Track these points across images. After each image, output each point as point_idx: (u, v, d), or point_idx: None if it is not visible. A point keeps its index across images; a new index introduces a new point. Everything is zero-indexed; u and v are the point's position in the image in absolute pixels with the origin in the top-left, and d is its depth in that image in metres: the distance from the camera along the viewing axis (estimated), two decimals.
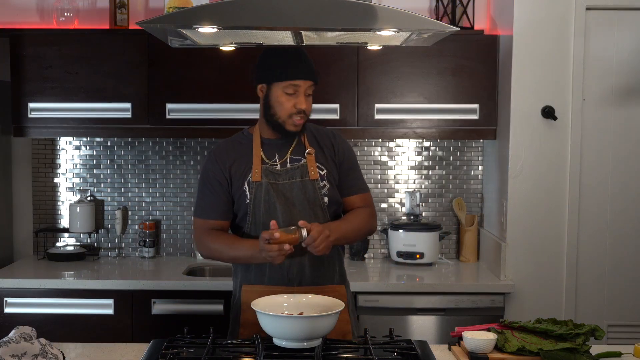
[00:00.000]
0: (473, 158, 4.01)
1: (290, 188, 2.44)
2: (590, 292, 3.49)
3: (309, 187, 2.44)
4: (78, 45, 3.63)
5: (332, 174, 2.50)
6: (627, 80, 3.44)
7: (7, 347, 1.96)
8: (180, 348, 2.12)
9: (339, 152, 2.53)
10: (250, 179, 2.44)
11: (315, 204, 2.44)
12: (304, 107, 2.40)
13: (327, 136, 2.55)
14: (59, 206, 4.03)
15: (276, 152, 2.49)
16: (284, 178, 2.44)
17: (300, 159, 2.48)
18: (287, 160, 2.47)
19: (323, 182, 2.47)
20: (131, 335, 3.38)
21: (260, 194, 2.42)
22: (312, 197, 2.44)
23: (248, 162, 2.47)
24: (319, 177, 2.45)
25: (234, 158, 2.49)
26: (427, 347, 2.20)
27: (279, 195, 2.42)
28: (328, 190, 2.47)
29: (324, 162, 2.49)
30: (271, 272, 2.44)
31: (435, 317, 3.39)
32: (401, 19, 2.02)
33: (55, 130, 3.69)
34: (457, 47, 3.59)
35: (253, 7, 2.00)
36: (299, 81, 2.38)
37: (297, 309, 2.19)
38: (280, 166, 2.46)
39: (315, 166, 2.46)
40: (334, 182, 2.50)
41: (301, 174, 2.45)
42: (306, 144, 2.50)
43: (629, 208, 3.48)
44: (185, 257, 4.02)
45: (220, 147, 2.54)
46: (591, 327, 2.22)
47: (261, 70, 2.43)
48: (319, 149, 2.51)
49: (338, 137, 2.58)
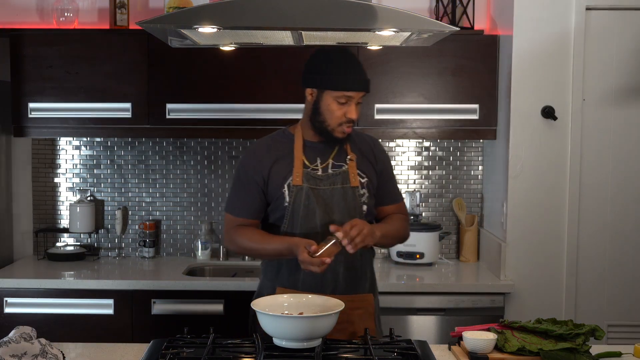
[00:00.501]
0: (473, 158, 4.01)
1: (331, 194, 2.39)
2: (590, 292, 3.49)
3: (350, 194, 2.40)
4: (78, 45, 3.63)
5: (372, 182, 2.46)
6: (627, 80, 3.44)
7: (7, 347, 1.96)
8: (180, 348, 2.12)
9: (379, 161, 2.50)
10: (291, 183, 2.39)
11: (355, 211, 2.40)
12: (354, 117, 2.35)
13: (368, 143, 2.52)
14: (59, 206, 4.03)
15: (318, 155, 2.43)
16: (325, 184, 2.40)
17: (342, 165, 2.43)
18: (329, 166, 2.42)
19: (363, 190, 2.43)
20: (131, 335, 3.38)
21: (300, 199, 2.38)
22: (351, 204, 2.40)
23: (289, 164, 2.41)
24: (359, 185, 2.42)
25: (274, 158, 2.43)
26: (427, 347, 2.20)
27: (319, 201, 2.38)
28: (367, 198, 2.43)
29: (365, 169, 2.46)
30: (305, 277, 2.39)
31: (435, 317, 3.39)
32: (401, 19, 2.02)
33: (55, 130, 3.69)
34: (457, 47, 3.59)
35: (253, 7, 2.00)
36: (352, 92, 2.32)
37: (297, 309, 2.19)
38: (321, 171, 2.41)
39: (356, 173, 2.42)
40: (372, 190, 2.46)
41: (342, 180, 2.41)
42: (348, 150, 2.45)
43: (629, 208, 3.48)
44: (185, 257, 4.02)
45: (260, 145, 2.49)
46: (591, 327, 2.22)
47: (313, 74, 2.35)
48: (360, 156, 2.46)
49: (378, 145, 2.54)
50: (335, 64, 2.31)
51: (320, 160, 2.43)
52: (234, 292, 3.38)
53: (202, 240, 3.93)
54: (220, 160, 4.01)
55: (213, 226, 3.99)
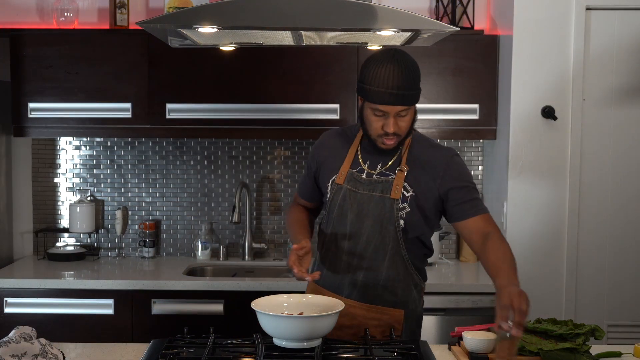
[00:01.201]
0: (473, 158, 4.01)
1: (367, 200, 2.33)
2: (590, 292, 3.49)
3: (387, 204, 2.31)
4: (78, 45, 3.63)
5: (421, 200, 2.31)
6: (627, 80, 3.44)
7: (7, 347, 1.96)
8: (180, 348, 2.12)
9: (448, 178, 2.31)
10: (335, 180, 2.40)
11: (390, 223, 2.31)
12: (392, 130, 2.25)
13: (437, 158, 2.35)
14: (59, 206, 4.03)
15: (369, 158, 2.38)
16: (364, 188, 2.34)
17: (389, 174, 2.34)
18: (376, 172, 2.36)
19: (403, 205, 2.31)
20: (131, 335, 3.38)
21: (337, 198, 2.37)
22: (387, 215, 2.31)
23: (340, 160, 2.42)
24: (400, 198, 2.30)
25: (332, 150, 2.45)
26: (427, 347, 2.20)
27: (353, 204, 2.34)
28: (407, 214, 2.31)
29: (416, 185, 2.32)
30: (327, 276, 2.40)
31: (435, 317, 3.39)
32: (401, 19, 2.02)
33: (55, 130, 3.69)
34: (457, 47, 3.59)
35: (253, 7, 2.00)
36: (386, 107, 2.23)
37: (297, 309, 2.19)
38: (366, 175, 2.36)
39: (402, 185, 2.31)
40: (417, 208, 2.31)
41: (382, 189, 2.32)
42: (403, 160, 2.34)
43: (629, 208, 3.49)
44: (185, 257, 4.02)
45: (328, 135, 2.52)
46: (591, 327, 2.22)
47: (358, 81, 2.29)
48: (419, 170, 2.33)
49: (450, 161, 2.34)
50: (374, 74, 2.22)
51: (370, 164, 2.38)
52: (234, 292, 3.38)
53: (202, 240, 3.93)
54: (220, 160, 4.01)
55: (213, 226, 3.99)
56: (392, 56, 2.22)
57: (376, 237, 2.33)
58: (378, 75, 2.21)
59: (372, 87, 2.22)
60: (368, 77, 2.23)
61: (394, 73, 2.20)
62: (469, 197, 2.32)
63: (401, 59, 2.22)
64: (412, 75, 2.23)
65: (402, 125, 2.27)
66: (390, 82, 2.20)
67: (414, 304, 2.42)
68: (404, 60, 2.22)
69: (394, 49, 2.27)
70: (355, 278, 2.37)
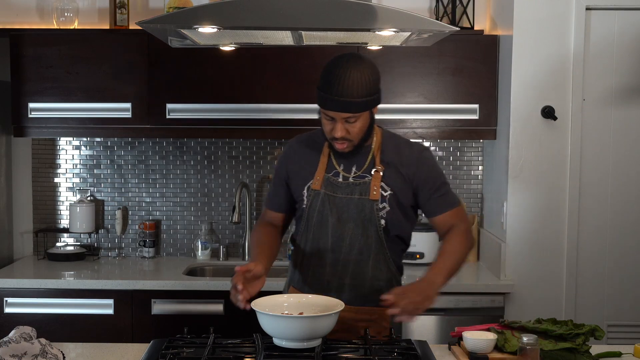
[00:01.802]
0: (473, 158, 4.01)
1: (346, 204, 2.33)
2: (590, 292, 3.49)
3: (367, 206, 2.32)
4: (78, 45, 3.63)
5: (399, 196, 2.34)
6: (627, 80, 3.44)
7: (7, 347, 1.96)
8: (180, 348, 2.12)
9: (419, 175, 2.36)
10: (310, 186, 2.38)
11: (371, 224, 2.33)
12: (339, 135, 2.25)
13: (408, 155, 2.38)
14: (59, 206, 4.03)
15: (343, 162, 2.37)
16: (342, 192, 2.34)
17: (366, 176, 2.35)
18: (353, 174, 2.36)
19: (383, 204, 2.33)
20: (131, 335, 3.38)
21: (315, 204, 2.36)
22: (368, 216, 2.32)
23: (313, 166, 2.39)
24: (379, 199, 2.32)
25: (302, 157, 2.43)
26: (427, 347, 2.20)
27: (333, 209, 2.34)
28: (387, 213, 2.33)
29: (393, 183, 2.34)
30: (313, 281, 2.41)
31: (435, 317, 3.39)
32: (401, 19, 2.02)
33: (55, 130, 3.69)
34: (457, 47, 3.59)
35: (253, 7, 2.00)
36: (330, 112, 2.24)
37: (297, 309, 2.19)
38: (342, 178, 2.36)
39: (379, 186, 2.32)
40: (397, 206, 2.35)
41: (360, 191, 2.33)
42: (377, 160, 2.36)
43: (629, 208, 3.48)
44: (185, 257, 4.02)
45: (295, 142, 2.50)
46: (591, 327, 2.22)
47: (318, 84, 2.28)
48: (392, 169, 2.35)
49: (420, 156, 2.39)
50: (324, 78, 2.23)
51: (344, 167, 2.37)
52: None
53: (202, 240, 3.93)
54: (220, 160, 4.01)
55: (213, 226, 3.99)
56: (346, 61, 2.21)
57: (359, 240, 2.34)
58: (327, 80, 2.22)
59: (321, 92, 2.23)
60: (320, 82, 2.25)
61: (341, 79, 2.19)
62: (439, 193, 2.38)
63: (355, 65, 2.21)
64: (362, 82, 2.21)
65: (352, 131, 2.27)
66: (335, 89, 2.20)
67: None
68: (357, 66, 2.21)
69: (351, 53, 2.25)
70: (341, 282, 2.38)
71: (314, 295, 2.27)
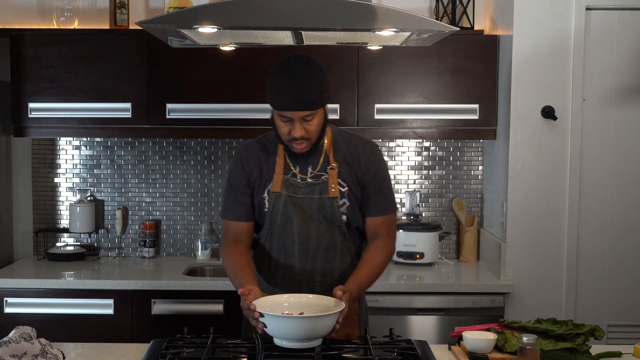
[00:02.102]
0: (473, 158, 4.01)
1: (308, 203, 2.36)
2: (590, 292, 3.49)
3: (327, 204, 2.35)
4: (78, 45, 3.63)
5: (354, 191, 2.39)
6: (627, 80, 3.44)
7: (7, 347, 1.96)
8: (180, 348, 2.12)
9: (365, 170, 2.40)
10: (271, 189, 2.38)
11: (333, 222, 2.37)
12: (298, 135, 2.26)
13: (357, 150, 2.41)
14: (59, 206, 4.03)
15: (298, 162, 2.39)
16: (303, 192, 2.36)
17: (322, 174, 2.37)
18: (309, 174, 2.38)
19: (342, 200, 2.36)
20: (131, 335, 3.38)
21: (278, 206, 2.37)
22: (329, 214, 2.36)
23: (270, 170, 2.40)
24: (338, 195, 2.35)
25: (257, 163, 2.42)
26: (427, 347, 2.20)
27: (297, 209, 2.36)
28: (347, 208, 2.37)
29: (348, 178, 2.38)
30: (283, 282, 2.41)
31: (435, 317, 3.39)
32: (401, 19, 2.02)
33: (55, 130, 3.69)
34: (457, 47, 3.59)
35: (253, 7, 2.00)
36: (288, 112, 2.25)
37: (297, 309, 2.19)
38: (300, 179, 2.37)
39: (337, 183, 2.35)
40: (355, 200, 2.39)
41: (320, 190, 2.35)
42: (331, 158, 2.38)
43: (629, 208, 3.48)
44: (185, 257, 4.02)
45: (245, 150, 2.47)
46: (591, 327, 2.22)
47: (267, 88, 2.31)
48: (345, 164, 2.39)
49: (370, 153, 2.42)
50: (276, 81, 2.24)
51: (301, 167, 2.39)
52: (234, 292, 3.31)
53: (202, 240, 3.93)
54: (220, 160, 4.01)
55: (213, 226, 3.99)
56: (295, 62, 2.23)
57: (324, 237, 2.37)
58: (279, 81, 2.23)
59: (275, 94, 2.24)
60: (271, 84, 2.25)
61: (294, 79, 2.21)
62: (380, 194, 2.42)
63: (302, 64, 2.23)
64: (314, 79, 2.23)
65: (310, 129, 2.29)
66: (290, 88, 2.21)
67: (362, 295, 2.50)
68: (307, 65, 2.23)
69: (297, 54, 2.27)
70: (312, 280, 2.40)
71: (315, 295, 2.26)
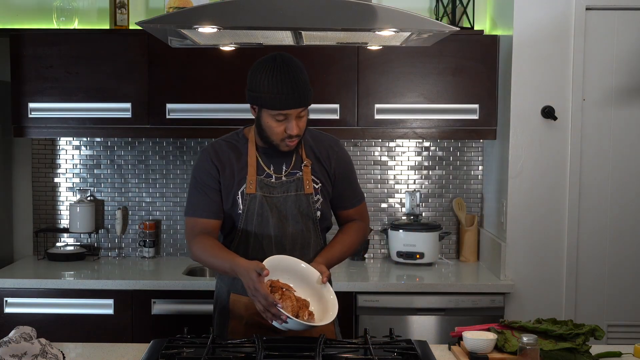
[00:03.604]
0: (473, 158, 4.01)
1: (284, 201, 2.37)
2: (590, 292, 3.50)
3: (303, 201, 2.38)
4: (78, 45, 3.63)
5: (326, 187, 2.44)
6: (627, 80, 3.44)
7: (7, 347, 1.96)
8: (180, 348, 2.12)
9: (336, 166, 2.45)
10: (244, 190, 2.37)
11: (308, 217, 2.40)
12: (295, 132, 2.28)
13: (325, 147, 2.46)
14: (59, 206, 4.03)
15: (272, 162, 2.40)
16: (278, 191, 2.37)
17: (297, 172, 2.40)
18: (283, 173, 2.40)
19: (317, 197, 2.41)
20: (131, 335, 3.38)
21: (253, 207, 2.36)
22: (305, 211, 2.39)
23: (242, 170, 2.38)
24: (313, 191, 2.40)
25: (227, 162, 2.40)
26: (427, 347, 2.20)
27: (272, 209, 2.37)
28: (321, 204, 2.42)
29: (319, 174, 2.43)
30: None
31: (435, 317, 3.39)
32: (401, 19, 2.02)
33: (55, 130, 3.69)
34: (457, 47, 3.59)
35: (253, 7, 2.00)
36: (288, 110, 2.26)
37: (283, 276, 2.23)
38: (275, 179, 2.38)
39: (311, 179, 2.40)
40: (327, 195, 2.45)
41: (296, 187, 2.38)
42: (303, 156, 2.42)
43: (629, 208, 3.48)
44: (185, 257, 4.02)
45: (214, 148, 2.43)
46: (591, 327, 2.22)
47: (251, 91, 2.29)
48: (315, 161, 2.43)
49: (337, 148, 2.49)
50: (267, 82, 2.24)
51: (274, 167, 2.40)
52: None
53: None
54: None
55: None
56: (282, 61, 2.25)
57: (300, 235, 2.39)
58: (272, 81, 2.23)
59: (272, 95, 2.23)
60: (262, 86, 2.25)
61: (287, 77, 2.24)
62: (349, 188, 2.51)
63: (289, 62, 2.26)
64: (303, 76, 2.27)
65: (302, 126, 2.33)
66: (287, 87, 2.23)
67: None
68: (293, 63, 2.27)
69: (279, 53, 2.29)
70: None
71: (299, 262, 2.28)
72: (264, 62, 2.27)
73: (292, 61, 2.27)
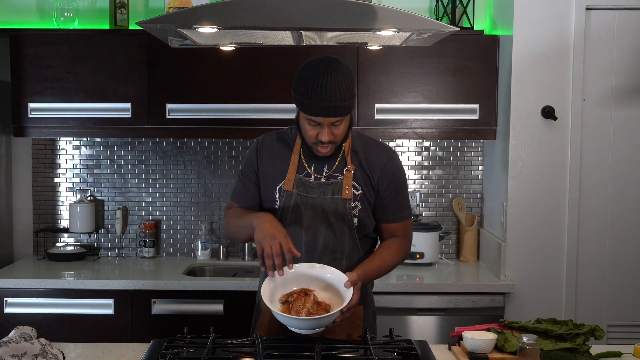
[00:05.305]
0: (473, 158, 4.01)
1: (320, 203, 2.34)
2: (590, 292, 3.50)
3: (340, 205, 2.34)
4: (78, 45, 3.63)
5: (367, 196, 2.37)
6: (627, 80, 3.44)
7: (7, 347, 1.96)
8: (180, 348, 2.12)
9: (380, 176, 2.38)
10: (282, 187, 2.37)
11: (344, 223, 2.35)
12: (326, 139, 2.25)
13: (373, 156, 2.40)
14: (59, 206, 4.03)
15: (314, 162, 2.38)
16: (315, 192, 2.35)
17: (338, 176, 2.36)
18: (323, 174, 2.38)
19: (355, 203, 2.35)
20: (131, 335, 3.39)
21: (289, 204, 2.36)
22: (341, 215, 2.34)
23: (284, 166, 2.39)
24: (352, 197, 2.34)
25: (272, 155, 2.42)
26: (427, 347, 2.20)
27: (307, 209, 2.35)
28: (359, 211, 2.36)
29: (363, 182, 2.37)
30: None
31: (435, 317, 3.39)
32: (401, 19, 2.02)
33: (55, 130, 3.69)
34: (457, 47, 3.59)
35: (253, 7, 2.00)
36: (319, 118, 2.23)
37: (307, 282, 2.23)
38: (314, 179, 2.36)
39: (351, 185, 2.35)
40: (367, 204, 2.38)
41: (333, 190, 2.34)
42: (348, 160, 2.37)
43: (629, 208, 3.49)
44: (185, 257, 4.02)
45: (264, 139, 2.47)
46: (591, 327, 2.22)
47: (294, 89, 2.28)
48: (359, 167, 2.37)
49: (386, 159, 2.41)
50: (305, 85, 2.22)
51: (315, 168, 2.38)
52: (234, 292, 3.38)
53: (202, 240, 3.93)
54: (220, 160, 4.01)
55: (213, 226, 3.99)
56: (326, 66, 2.20)
57: (332, 239, 2.36)
58: (311, 86, 2.20)
59: (306, 99, 2.22)
60: (302, 88, 2.23)
61: (327, 85, 2.18)
62: (396, 201, 2.42)
63: (335, 69, 2.21)
64: (345, 85, 2.21)
65: (337, 133, 2.29)
66: (323, 95, 2.19)
67: (369, 298, 2.50)
68: (337, 70, 2.21)
69: (327, 57, 2.25)
70: None
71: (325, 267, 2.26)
72: (310, 63, 2.25)
73: (337, 68, 2.21)
